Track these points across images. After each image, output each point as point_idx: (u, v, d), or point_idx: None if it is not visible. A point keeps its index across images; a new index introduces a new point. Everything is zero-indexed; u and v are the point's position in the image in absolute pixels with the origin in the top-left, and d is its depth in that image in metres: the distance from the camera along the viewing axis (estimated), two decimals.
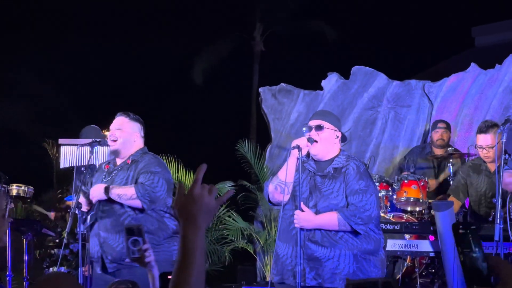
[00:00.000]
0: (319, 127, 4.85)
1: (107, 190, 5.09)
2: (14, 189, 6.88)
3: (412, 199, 7.17)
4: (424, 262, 7.14)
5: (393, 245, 6.79)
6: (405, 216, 7.22)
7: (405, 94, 9.56)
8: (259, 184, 9.35)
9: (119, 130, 5.28)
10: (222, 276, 9.88)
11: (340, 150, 4.94)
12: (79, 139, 6.49)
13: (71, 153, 6.13)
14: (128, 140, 5.28)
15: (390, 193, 7.34)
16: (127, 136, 5.28)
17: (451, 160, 7.68)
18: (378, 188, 7.17)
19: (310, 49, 20.71)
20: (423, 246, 6.72)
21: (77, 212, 5.11)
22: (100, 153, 5.63)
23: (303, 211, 4.73)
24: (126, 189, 5.08)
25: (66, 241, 5.29)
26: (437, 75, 10.23)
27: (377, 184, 7.20)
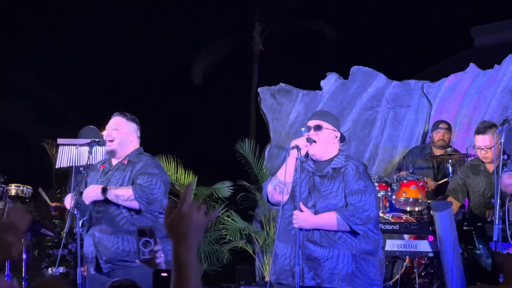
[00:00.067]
0: (318, 127, 4.85)
1: (105, 190, 5.08)
2: (13, 189, 6.89)
3: (411, 199, 7.16)
4: (423, 262, 7.14)
5: (392, 245, 6.79)
6: (404, 216, 7.21)
7: (404, 94, 9.55)
8: (258, 184, 9.34)
9: (116, 131, 5.26)
10: (221, 276, 9.88)
11: (339, 150, 4.94)
12: (77, 139, 6.47)
13: (69, 153, 6.10)
14: (124, 141, 5.26)
15: (389, 193, 7.34)
16: (123, 137, 5.26)
17: (450, 160, 7.68)
18: (377, 188, 7.17)
19: (309, 49, 20.70)
20: (422, 246, 6.72)
21: (75, 212, 5.09)
22: (98, 153, 5.61)
23: (302, 211, 4.73)
24: (124, 190, 5.06)
25: (64, 241, 5.29)
26: (436, 75, 10.22)
27: (376, 184, 7.19)
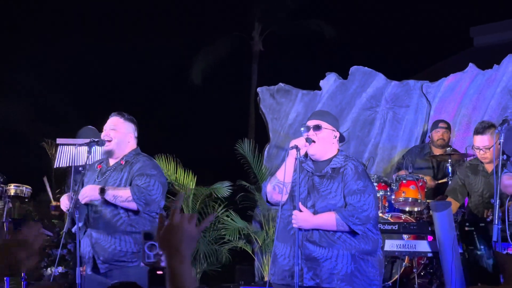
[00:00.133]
0: (317, 127, 4.85)
1: (103, 191, 5.07)
2: (12, 189, 6.88)
3: (410, 199, 7.15)
4: (422, 262, 7.14)
5: (391, 245, 6.79)
6: (403, 216, 7.21)
7: (403, 94, 9.55)
8: (258, 184, 9.34)
9: (114, 131, 5.24)
10: (220, 276, 9.88)
11: (338, 150, 4.93)
12: (77, 139, 6.47)
13: (68, 152, 6.09)
14: (122, 141, 5.25)
15: (389, 193, 7.33)
16: (121, 137, 5.25)
17: (449, 160, 7.68)
18: (377, 188, 7.16)
19: (308, 49, 20.71)
20: (421, 246, 6.72)
21: (75, 212, 5.08)
22: (97, 153, 5.60)
23: (301, 211, 4.72)
24: (122, 191, 5.05)
25: (63, 240, 5.28)
26: (435, 75, 10.21)
27: (375, 184, 7.19)
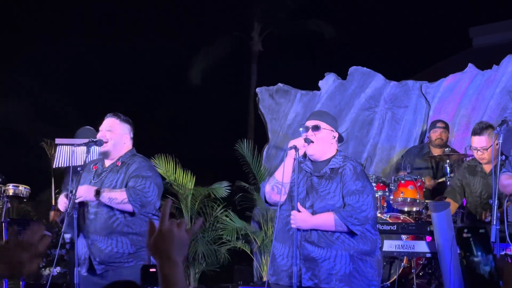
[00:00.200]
0: (316, 128, 4.85)
1: (98, 193, 5.07)
2: (11, 189, 6.87)
3: (409, 199, 7.15)
4: (421, 262, 7.14)
5: (390, 245, 6.78)
6: (402, 216, 7.20)
7: (402, 95, 9.55)
8: (257, 184, 9.33)
9: (110, 132, 5.24)
10: (219, 276, 9.88)
11: (337, 150, 4.94)
12: (75, 139, 6.46)
13: (66, 153, 6.10)
14: (118, 142, 5.25)
15: (387, 193, 7.33)
16: (117, 138, 5.25)
17: (448, 160, 7.67)
18: (375, 189, 7.16)
19: (308, 50, 20.70)
20: (420, 246, 6.72)
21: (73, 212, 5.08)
22: (96, 153, 5.60)
23: (299, 211, 4.73)
24: (117, 193, 5.04)
25: (62, 241, 5.27)
26: (434, 75, 10.21)
27: (373, 184, 7.19)
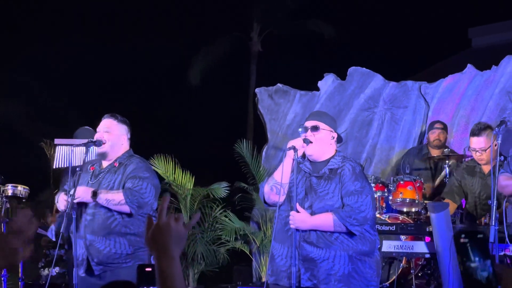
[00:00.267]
0: (314, 128, 4.84)
1: (95, 194, 5.07)
2: (10, 189, 6.87)
3: (407, 200, 7.14)
4: (420, 263, 7.13)
5: (389, 246, 6.78)
6: (400, 217, 7.19)
7: (401, 95, 9.54)
8: (256, 185, 9.33)
9: (108, 133, 5.24)
10: (218, 276, 9.88)
11: (336, 151, 4.93)
12: (74, 139, 6.46)
13: (66, 153, 6.10)
14: (116, 143, 5.25)
15: (386, 194, 7.32)
16: (115, 139, 5.25)
17: (447, 161, 7.67)
18: (374, 189, 7.15)
19: (307, 50, 20.71)
20: (419, 247, 6.72)
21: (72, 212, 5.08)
22: (94, 153, 5.60)
23: (298, 212, 4.72)
24: (114, 195, 5.05)
25: (61, 241, 5.26)
26: (433, 76, 10.21)
27: (373, 185, 7.18)
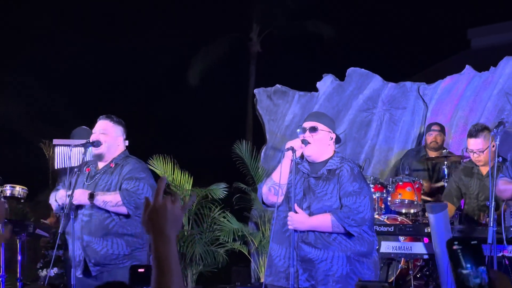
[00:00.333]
0: (313, 129, 4.84)
1: (92, 196, 5.07)
2: (8, 189, 6.87)
3: (406, 201, 7.14)
4: (419, 264, 7.13)
5: (387, 247, 6.78)
6: (399, 218, 7.20)
7: (400, 96, 9.54)
8: (254, 186, 9.33)
9: (104, 135, 5.25)
10: (216, 277, 9.88)
11: (334, 151, 4.93)
12: (73, 139, 6.47)
13: (67, 153, 6.10)
14: (112, 145, 5.26)
15: (385, 195, 7.32)
16: (111, 141, 5.26)
17: (445, 162, 7.67)
18: (373, 190, 7.16)
19: (306, 51, 20.71)
20: (417, 248, 6.71)
21: (70, 213, 5.08)
22: (91, 154, 5.59)
23: (296, 212, 4.73)
24: (112, 196, 5.06)
25: (59, 241, 5.27)
26: (432, 77, 10.21)
27: (371, 186, 7.19)
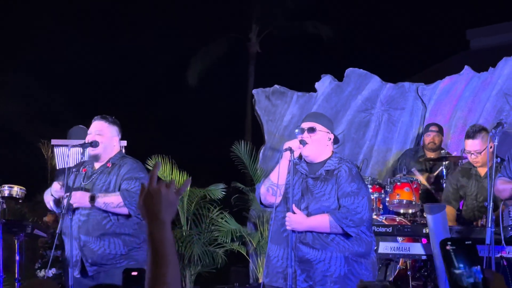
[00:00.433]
0: (311, 129, 4.84)
1: (93, 198, 5.07)
2: (6, 190, 6.86)
3: (404, 201, 7.13)
4: (417, 265, 7.13)
5: (386, 247, 6.77)
6: (397, 218, 7.19)
7: (398, 97, 9.54)
8: (253, 186, 9.33)
9: (100, 136, 5.26)
10: (215, 277, 9.87)
11: (333, 152, 4.93)
12: (71, 140, 6.47)
13: (66, 153, 6.10)
14: (108, 145, 5.27)
15: (383, 195, 7.32)
16: (107, 141, 5.27)
17: (444, 163, 7.67)
18: (371, 191, 7.15)
19: (305, 51, 20.72)
20: (416, 249, 6.70)
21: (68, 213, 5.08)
22: (88, 155, 5.60)
23: (294, 213, 4.72)
24: (112, 197, 5.06)
25: (57, 242, 5.26)
26: (431, 77, 10.21)
27: (369, 186, 7.17)
